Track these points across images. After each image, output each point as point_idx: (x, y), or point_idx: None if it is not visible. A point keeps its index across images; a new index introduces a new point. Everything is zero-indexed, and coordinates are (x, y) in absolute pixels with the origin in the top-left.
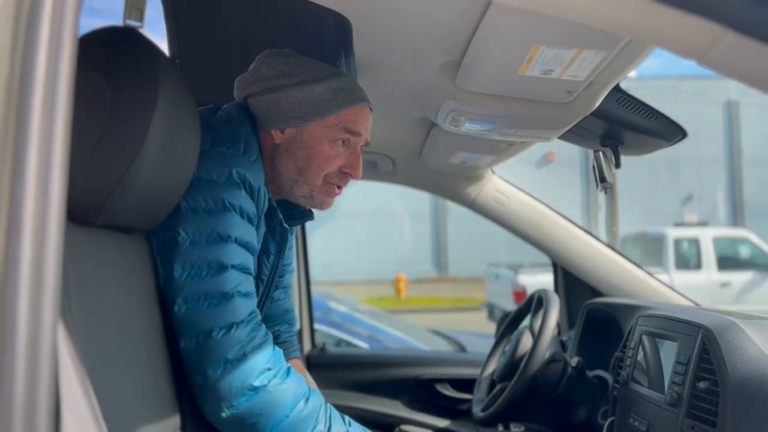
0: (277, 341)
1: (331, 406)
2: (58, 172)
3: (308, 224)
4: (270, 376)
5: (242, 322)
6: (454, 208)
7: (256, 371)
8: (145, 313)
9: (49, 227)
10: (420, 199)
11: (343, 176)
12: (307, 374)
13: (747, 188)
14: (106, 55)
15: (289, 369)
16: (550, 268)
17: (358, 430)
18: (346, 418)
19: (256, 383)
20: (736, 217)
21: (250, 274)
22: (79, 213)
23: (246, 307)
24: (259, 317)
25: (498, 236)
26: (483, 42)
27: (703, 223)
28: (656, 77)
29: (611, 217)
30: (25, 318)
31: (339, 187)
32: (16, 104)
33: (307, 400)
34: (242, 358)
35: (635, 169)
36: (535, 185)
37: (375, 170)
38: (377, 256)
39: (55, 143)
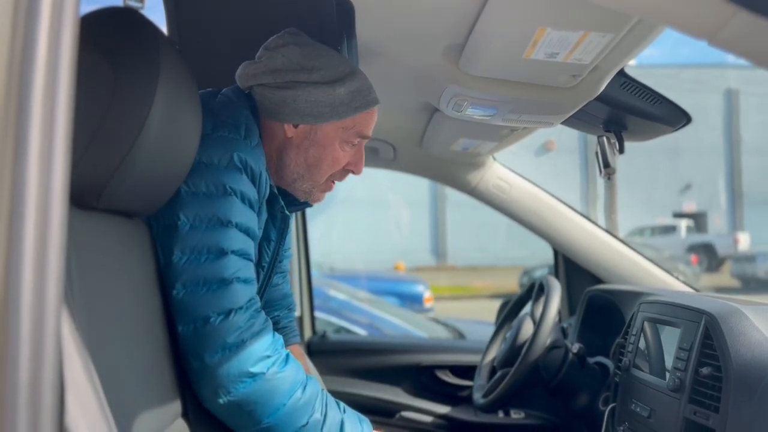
0: (277, 327)
1: (328, 393)
2: (61, 155)
3: (308, 213)
4: (269, 364)
5: (241, 308)
6: (452, 196)
7: (254, 358)
8: (146, 297)
9: (53, 211)
10: (419, 187)
11: (345, 172)
12: (307, 360)
13: (746, 177)
14: (107, 36)
15: (287, 356)
16: None
17: (352, 416)
18: (341, 404)
19: (254, 370)
20: (735, 206)
21: (251, 260)
22: (80, 196)
23: (245, 293)
24: (259, 304)
25: (497, 225)
26: (488, 24)
27: (701, 212)
28: (657, 65)
29: (610, 206)
30: (29, 302)
31: (334, 183)
32: (17, 86)
33: (305, 388)
34: (240, 344)
35: (634, 158)
36: (535, 174)
37: (376, 157)
38: (376, 245)
39: (58, 126)
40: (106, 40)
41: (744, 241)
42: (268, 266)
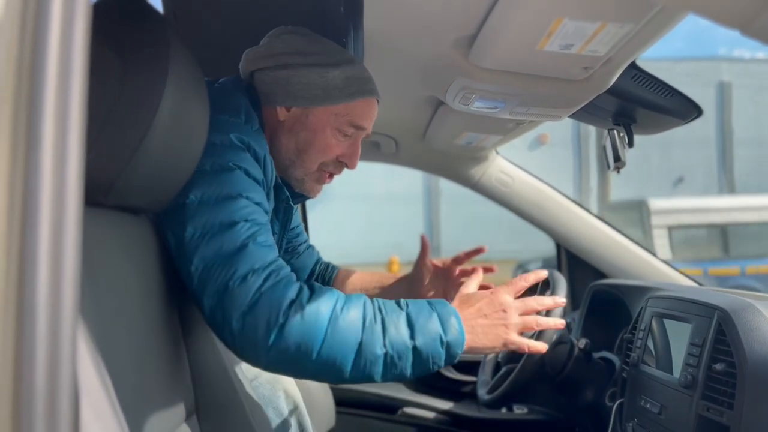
0: (313, 275)
1: (380, 300)
2: (75, 150)
3: (300, 207)
4: (293, 306)
5: (259, 268)
6: (446, 191)
7: (279, 308)
8: (155, 295)
9: (67, 209)
10: (412, 182)
11: (339, 165)
12: (357, 273)
13: (738, 170)
14: (115, 27)
15: (313, 288)
16: None
17: (419, 306)
18: (402, 301)
19: (282, 319)
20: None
21: (267, 227)
22: (88, 193)
23: (263, 254)
24: (282, 264)
25: (491, 218)
26: (503, 14)
27: None
28: (650, 59)
29: (603, 198)
30: (44, 304)
31: (331, 176)
32: (28, 78)
33: (343, 305)
34: (259, 299)
35: (627, 151)
36: (528, 167)
37: (378, 151)
38: (370, 239)
39: (72, 121)
40: (113, 31)
41: None
42: None
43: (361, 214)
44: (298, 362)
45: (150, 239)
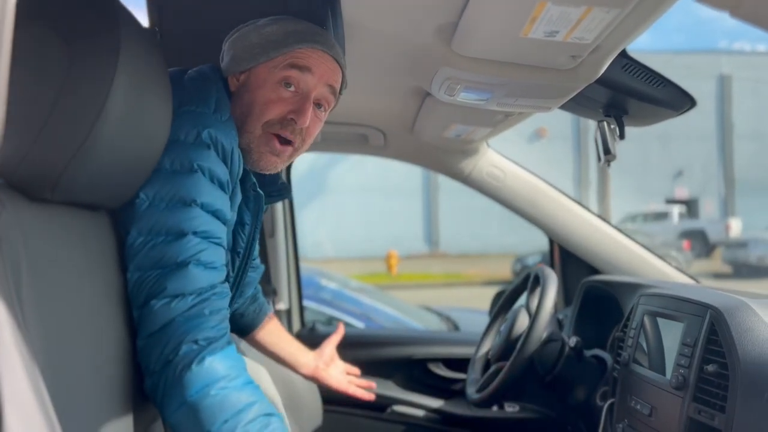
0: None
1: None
2: None
3: (298, 201)
4: (193, 350)
5: (190, 293)
6: (445, 184)
7: (180, 340)
8: (113, 296)
9: None
10: (411, 175)
11: (287, 123)
12: (282, 331)
13: (738, 163)
14: (59, 9)
15: (225, 344)
16: None
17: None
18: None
19: (172, 356)
20: (727, 192)
21: (219, 244)
22: (33, 187)
23: (204, 278)
24: (220, 289)
25: (490, 212)
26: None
27: (693, 199)
28: (649, 51)
29: (603, 192)
30: None
31: (283, 141)
32: None
33: (240, 383)
34: (170, 324)
35: (626, 144)
36: (527, 160)
37: (365, 144)
38: (368, 233)
39: None
40: (57, 13)
41: (736, 227)
42: (244, 251)
43: (360, 208)
44: (169, 401)
45: (107, 236)
